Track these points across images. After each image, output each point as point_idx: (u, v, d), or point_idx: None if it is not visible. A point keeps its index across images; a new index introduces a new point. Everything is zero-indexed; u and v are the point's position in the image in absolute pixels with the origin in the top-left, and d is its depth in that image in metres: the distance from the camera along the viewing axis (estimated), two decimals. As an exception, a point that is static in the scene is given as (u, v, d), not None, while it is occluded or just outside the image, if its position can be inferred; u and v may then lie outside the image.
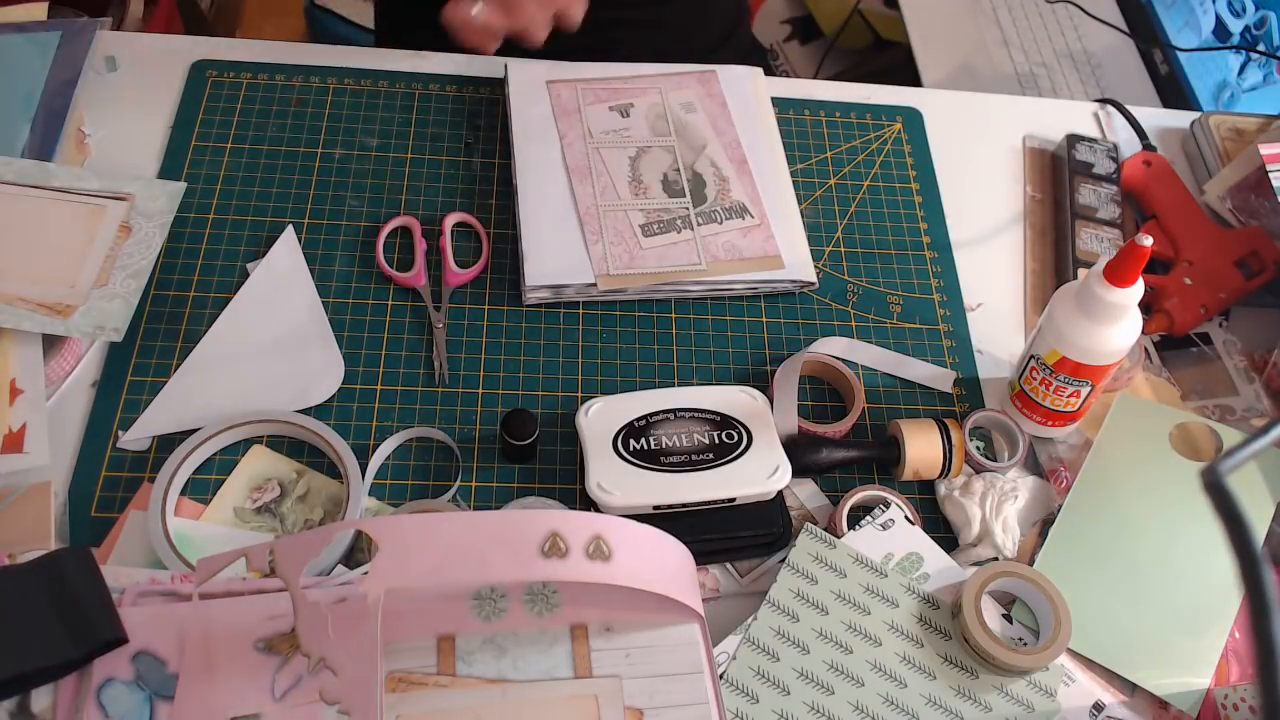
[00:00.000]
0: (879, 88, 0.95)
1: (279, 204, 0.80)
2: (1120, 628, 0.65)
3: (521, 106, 0.85)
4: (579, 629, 0.58)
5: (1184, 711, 0.63)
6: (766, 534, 0.66)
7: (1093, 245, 0.84)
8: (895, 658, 0.62)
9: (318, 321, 0.74)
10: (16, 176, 0.75)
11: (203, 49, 0.88)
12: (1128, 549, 0.68)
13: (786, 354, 0.77)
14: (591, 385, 0.74)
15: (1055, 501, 0.71)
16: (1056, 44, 1.28)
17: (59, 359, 0.69)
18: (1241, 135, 0.93)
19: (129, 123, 0.83)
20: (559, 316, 0.77)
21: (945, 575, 0.65)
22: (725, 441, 0.67)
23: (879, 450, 0.71)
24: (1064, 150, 0.90)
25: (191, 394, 0.69)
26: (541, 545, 0.52)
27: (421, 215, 0.80)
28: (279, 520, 0.65)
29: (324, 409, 0.70)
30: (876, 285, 0.82)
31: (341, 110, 0.86)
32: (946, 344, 0.80)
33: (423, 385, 0.72)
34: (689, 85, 0.89)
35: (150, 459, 0.67)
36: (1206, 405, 0.78)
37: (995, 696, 0.61)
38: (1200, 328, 0.82)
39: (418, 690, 0.55)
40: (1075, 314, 0.67)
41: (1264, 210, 0.85)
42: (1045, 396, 0.71)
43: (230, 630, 0.55)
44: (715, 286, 0.79)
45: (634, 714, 0.55)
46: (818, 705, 0.60)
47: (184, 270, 0.75)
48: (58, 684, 0.53)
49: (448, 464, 0.70)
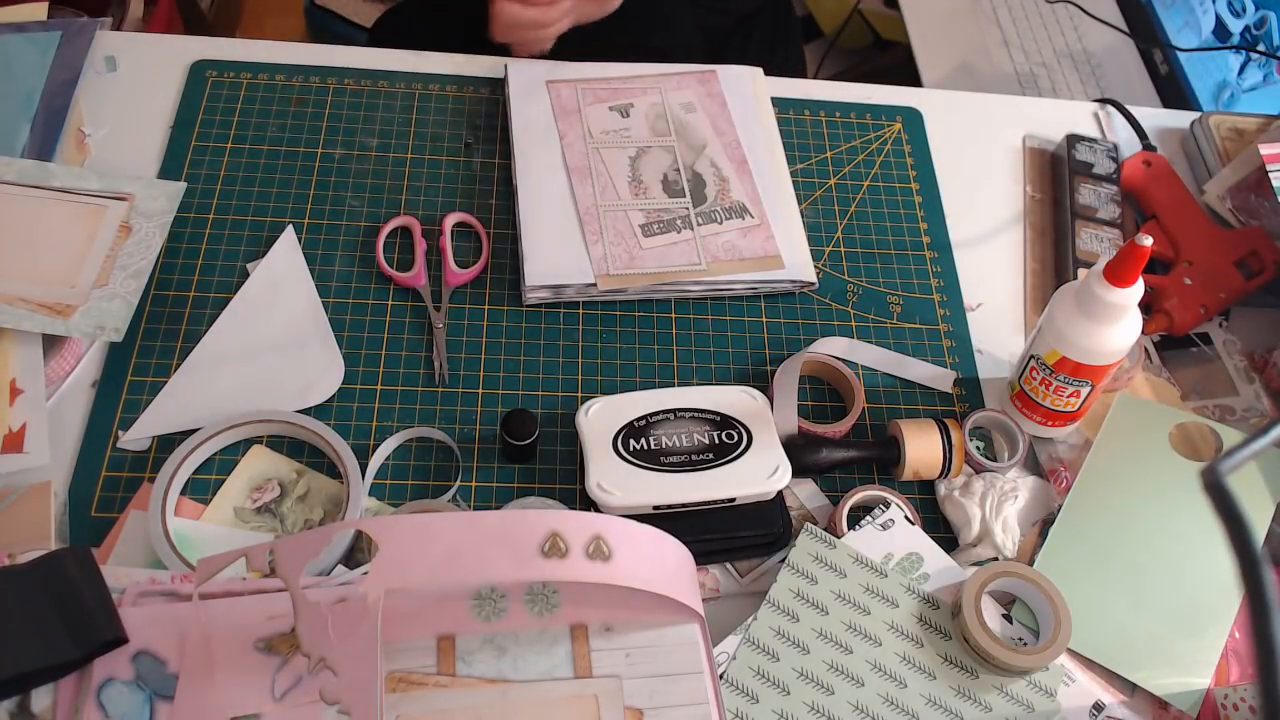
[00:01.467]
0: (879, 88, 0.95)
1: (279, 204, 0.80)
2: (1120, 628, 0.65)
3: (521, 106, 0.85)
4: (579, 629, 0.58)
5: (1184, 711, 0.63)
6: (766, 534, 0.66)
7: (1093, 245, 0.84)
8: (895, 658, 0.62)
9: (318, 321, 0.74)
10: (16, 176, 0.75)
11: (203, 49, 0.88)
12: (1128, 549, 0.68)
13: (786, 354, 0.77)
14: (591, 385, 0.74)
15: (1055, 501, 0.71)
16: (1056, 44, 1.28)
17: (59, 359, 0.69)
18: (1241, 135, 0.93)
19: (129, 123, 0.83)
20: (559, 316, 0.77)
21: (945, 575, 0.65)
22: (725, 441, 0.67)
23: (879, 450, 0.71)
24: (1064, 150, 0.90)
25: (191, 394, 0.69)
26: (541, 545, 0.52)
27: (421, 215, 0.80)
28: (279, 520, 0.65)
29: (324, 409, 0.70)
30: (876, 285, 0.82)
31: (341, 110, 0.86)
32: (946, 344, 0.80)
33: (423, 385, 0.72)
34: (689, 85, 0.89)
35: (150, 459, 0.67)
36: (1206, 405, 0.78)
37: (995, 696, 0.61)
38: (1200, 328, 0.82)
39: (418, 690, 0.55)
40: (1075, 314, 0.67)
41: (1264, 210, 0.85)
42: (1045, 396, 0.71)
43: (230, 630, 0.55)
44: (715, 286, 0.79)
45: (634, 714, 0.55)
46: (818, 705, 0.60)
47: (184, 270, 0.75)
48: (58, 684, 0.53)
49: (448, 464, 0.70)
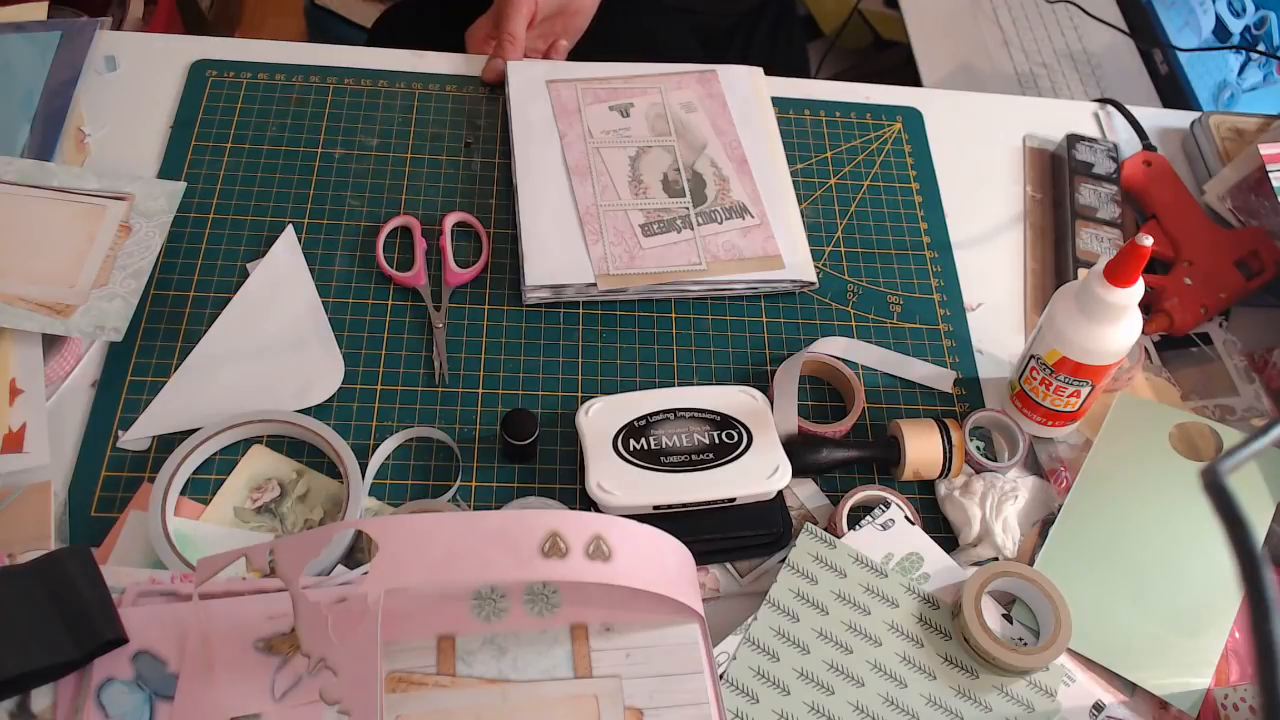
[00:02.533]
0: (879, 88, 0.95)
1: (279, 204, 0.80)
2: (1120, 628, 0.65)
3: (521, 106, 0.85)
4: (579, 629, 0.58)
5: (1184, 711, 0.63)
6: (766, 534, 0.66)
7: (1093, 245, 0.84)
8: (895, 658, 0.62)
9: (318, 321, 0.74)
10: (16, 176, 0.75)
11: (203, 49, 0.88)
12: (1128, 549, 0.68)
13: (786, 354, 0.77)
14: (591, 385, 0.74)
15: (1055, 501, 0.71)
16: (1056, 44, 1.28)
17: (59, 359, 0.69)
18: (1241, 135, 0.93)
19: (129, 123, 0.83)
20: (559, 316, 0.77)
21: (945, 575, 0.65)
22: (725, 441, 0.67)
23: (879, 450, 0.71)
24: (1064, 150, 0.90)
25: (191, 394, 0.69)
26: (541, 545, 0.52)
27: (421, 215, 0.80)
28: (279, 520, 0.65)
29: (324, 409, 0.70)
30: (876, 285, 0.82)
31: (341, 110, 0.86)
32: (946, 344, 0.80)
33: (423, 385, 0.72)
34: (689, 85, 0.89)
35: (150, 459, 0.67)
36: (1206, 405, 0.78)
37: (995, 696, 0.61)
38: (1200, 328, 0.82)
39: (418, 690, 0.55)
40: (1075, 314, 0.67)
41: (1264, 210, 0.85)
42: (1045, 396, 0.71)
43: (230, 630, 0.55)
44: (715, 286, 0.79)
45: (634, 714, 0.55)
46: (818, 705, 0.60)
47: (184, 270, 0.75)
48: (58, 684, 0.53)
49: (448, 464, 0.70)
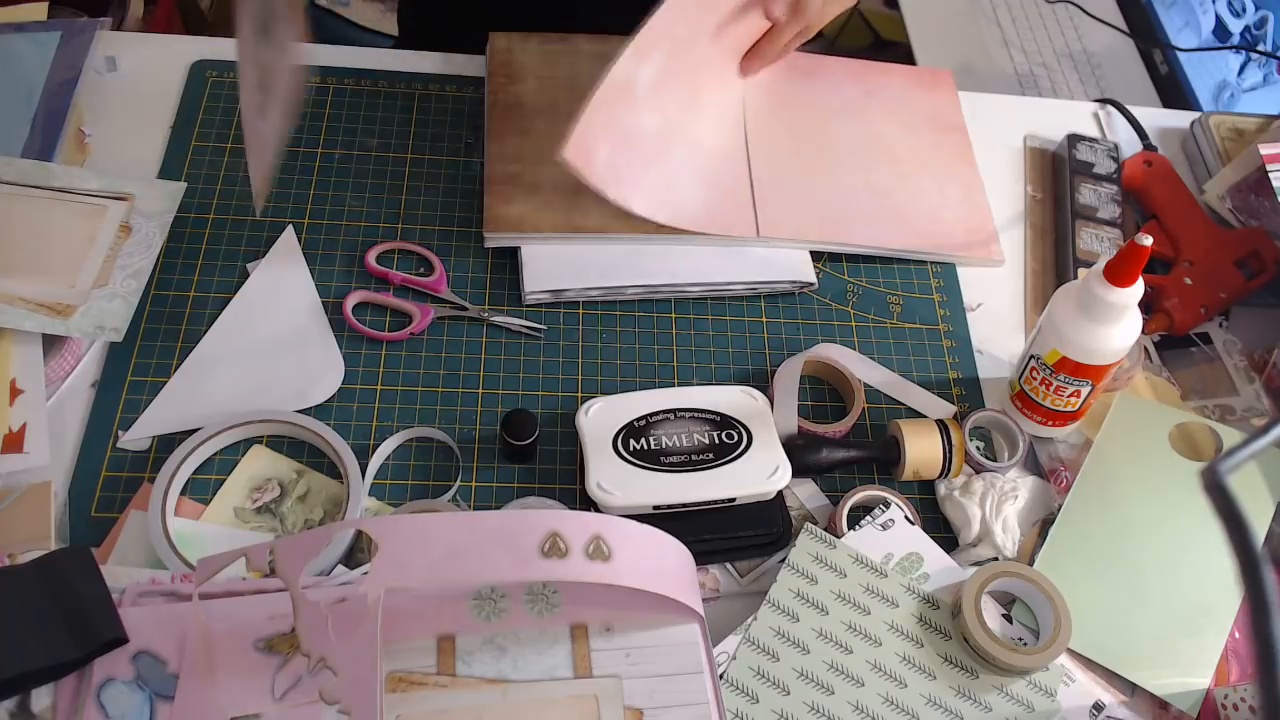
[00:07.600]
0: (879, 88, 0.95)
1: (279, 204, 0.80)
2: (1120, 628, 0.65)
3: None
4: (579, 629, 0.58)
5: (1184, 711, 0.63)
6: (766, 534, 0.66)
7: (1093, 245, 0.84)
8: (895, 658, 0.62)
9: (318, 321, 0.74)
10: (16, 176, 0.75)
11: (203, 49, 0.88)
12: (1128, 549, 0.68)
13: (786, 354, 0.77)
14: (591, 385, 0.74)
15: (1055, 501, 0.71)
16: (1056, 44, 1.28)
17: (59, 359, 0.69)
18: (1241, 135, 0.93)
19: (129, 123, 0.83)
20: (559, 316, 0.77)
21: (945, 575, 0.65)
22: (725, 441, 0.67)
23: (879, 450, 0.71)
24: (1064, 150, 0.90)
25: (191, 394, 0.69)
26: (541, 545, 0.52)
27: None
28: (279, 520, 0.65)
29: (324, 409, 0.70)
30: (876, 285, 0.82)
31: (341, 110, 0.86)
32: (946, 344, 0.80)
33: (423, 385, 0.72)
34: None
35: (150, 459, 0.67)
36: (1206, 405, 0.78)
37: (995, 696, 0.61)
38: (1200, 328, 0.82)
39: (418, 690, 0.55)
40: (1075, 314, 0.67)
41: (1264, 210, 0.85)
42: (1045, 396, 0.71)
43: (230, 630, 0.55)
44: (715, 287, 0.79)
45: (634, 714, 0.55)
46: (818, 705, 0.60)
47: (184, 270, 0.75)
48: (58, 684, 0.53)
49: (448, 464, 0.70)
